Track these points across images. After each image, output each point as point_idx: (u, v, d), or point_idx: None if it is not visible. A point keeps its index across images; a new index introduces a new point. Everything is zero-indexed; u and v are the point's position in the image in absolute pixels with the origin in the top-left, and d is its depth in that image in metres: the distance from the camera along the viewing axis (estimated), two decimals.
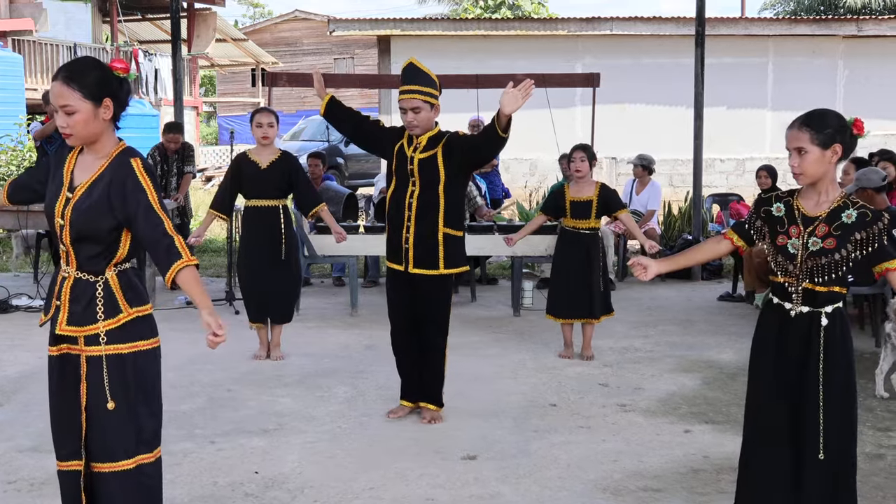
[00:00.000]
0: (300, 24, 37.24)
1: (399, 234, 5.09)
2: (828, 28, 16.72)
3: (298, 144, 19.84)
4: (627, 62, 16.03)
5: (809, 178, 3.23)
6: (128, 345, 3.06)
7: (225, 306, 8.41)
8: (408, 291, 5.16)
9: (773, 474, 3.35)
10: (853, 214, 3.23)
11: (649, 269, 3.36)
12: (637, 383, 6.07)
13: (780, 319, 3.33)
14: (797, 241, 3.25)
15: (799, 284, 3.25)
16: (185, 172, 9.58)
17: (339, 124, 5.44)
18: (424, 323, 5.18)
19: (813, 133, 3.19)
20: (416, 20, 17.08)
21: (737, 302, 8.87)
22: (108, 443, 3.06)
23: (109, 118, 3.02)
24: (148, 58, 23.30)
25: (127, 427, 3.07)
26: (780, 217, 3.31)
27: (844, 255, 3.21)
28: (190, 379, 6.06)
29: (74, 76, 2.95)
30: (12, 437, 4.81)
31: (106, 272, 3.04)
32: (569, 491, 4.24)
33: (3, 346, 6.80)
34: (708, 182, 14.69)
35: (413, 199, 5.02)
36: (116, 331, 3.04)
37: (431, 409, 5.25)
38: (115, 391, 3.04)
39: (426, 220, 5.02)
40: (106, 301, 3.03)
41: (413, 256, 5.05)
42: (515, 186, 14.24)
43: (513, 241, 6.89)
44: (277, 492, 4.20)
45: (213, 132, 38.54)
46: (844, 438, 3.30)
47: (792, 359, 3.30)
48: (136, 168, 3.00)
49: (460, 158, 5.01)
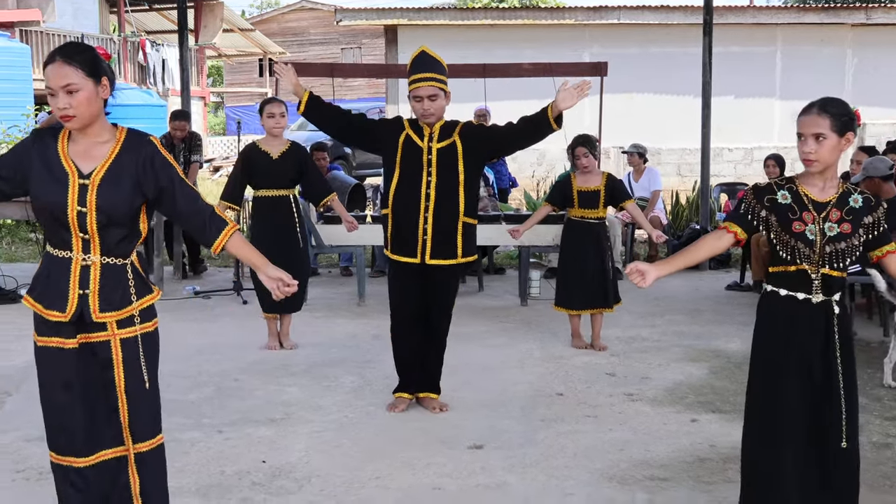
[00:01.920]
0: (307, 14, 37.21)
1: (411, 226, 4.99)
2: (836, 16, 16.63)
3: (306, 135, 19.77)
4: (635, 51, 15.99)
5: (823, 164, 3.18)
6: (151, 322, 3.15)
7: (232, 296, 8.42)
8: (419, 281, 5.09)
9: (790, 472, 3.27)
10: (859, 199, 3.24)
11: (647, 275, 3.25)
12: (644, 373, 6.07)
13: (789, 311, 3.26)
14: (813, 226, 3.21)
15: (818, 271, 3.22)
16: (192, 162, 9.53)
17: (321, 122, 5.15)
18: (433, 309, 5.13)
19: (832, 119, 3.15)
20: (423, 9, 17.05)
21: (745, 291, 8.86)
22: (146, 422, 3.13)
23: (106, 97, 3.02)
24: (155, 48, 23.34)
25: (156, 404, 3.18)
26: (788, 204, 3.25)
27: (858, 240, 3.22)
28: (197, 369, 6.08)
29: (73, 54, 2.92)
30: (20, 427, 4.83)
31: (131, 255, 3.07)
32: (575, 480, 4.24)
33: (11, 335, 6.82)
34: (716, 171, 14.68)
35: (431, 189, 4.93)
36: (147, 310, 3.12)
37: (433, 397, 5.24)
38: (150, 368, 3.13)
39: (446, 210, 4.95)
40: (136, 282, 3.07)
41: (431, 247, 4.98)
42: (523, 176, 14.22)
43: (519, 234, 6.88)
44: (284, 481, 4.21)
45: (221, 122, 38.57)
46: (857, 425, 3.30)
47: (808, 350, 3.25)
48: (157, 145, 3.05)
49: (489, 147, 5.03)
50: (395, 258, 5.11)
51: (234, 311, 7.96)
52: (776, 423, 3.30)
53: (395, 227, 5.06)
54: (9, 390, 5.59)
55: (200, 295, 8.61)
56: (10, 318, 7.53)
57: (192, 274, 9.67)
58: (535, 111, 4.93)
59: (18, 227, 12.13)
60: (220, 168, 21.65)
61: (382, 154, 5.13)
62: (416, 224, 4.98)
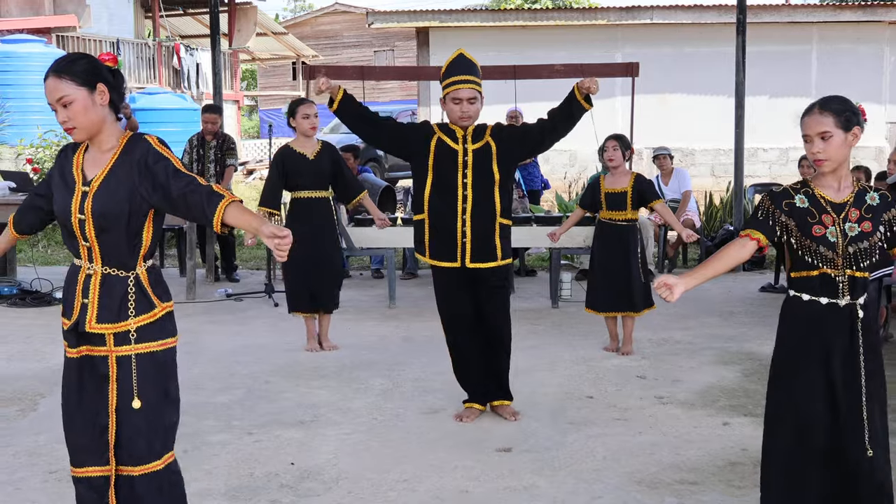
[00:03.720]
0: (340, 17, 37.33)
1: (450, 229, 4.93)
2: (873, 14, 16.41)
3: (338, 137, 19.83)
4: (668, 51, 15.88)
5: (834, 162, 3.16)
6: (159, 342, 3.03)
7: (264, 299, 8.46)
8: (464, 286, 5.01)
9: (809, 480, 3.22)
10: (876, 196, 3.20)
11: (675, 289, 3.12)
12: (675, 375, 6.02)
13: (812, 316, 3.22)
14: (834, 228, 3.18)
15: (843, 273, 3.18)
16: (227, 165, 9.48)
17: (354, 123, 5.11)
18: (489, 315, 5.03)
19: (835, 116, 3.13)
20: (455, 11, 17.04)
21: (779, 293, 8.75)
22: (139, 445, 3.01)
23: (107, 104, 2.99)
24: (189, 52, 23.52)
25: (157, 426, 3.03)
26: (806, 208, 3.20)
27: (878, 237, 3.18)
28: (228, 371, 6.12)
29: (63, 68, 2.95)
30: (52, 429, 4.87)
31: (137, 268, 3.01)
32: (604, 483, 4.22)
33: (46, 338, 6.90)
34: (751, 171, 14.54)
35: (468, 191, 4.89)
36: (148, 327, 3.01)
37: (506, 404, 5.15)
38: (145, 390, 3.00)
39: (484, 212, 4.91)
40: (138, 297, 3.00)
41: (471, 250, 4.92)
42: (555, 178, 14.17)
43: (556, 237, 6.86)
44: (312, 483, 4.22)
45: (255, 126, 38.80)
46: (884, 439, 3.23)
47: (830, 355, 3.20)
48: (152, 143, 3.00)
49: (523, 145, 5.03)
50: (434, 263, 5.05)
51: (265, 314, 8.00)
52: (797, 429, 3.24)
53: (433, 231, 5.00)
54: (42, 392, 5.65)
55: (233, 297, 8.66)
56: (46, 320, 7.63)
57: (224, 277, 9.72)
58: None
59: (54, 231, 12.26)
60: (254, 171, 21.78)
61: (412, 159, 5.07)
62: (454, 227, 4.92)
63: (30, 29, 18.53)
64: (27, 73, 15.74)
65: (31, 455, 4.60)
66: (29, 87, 15.32)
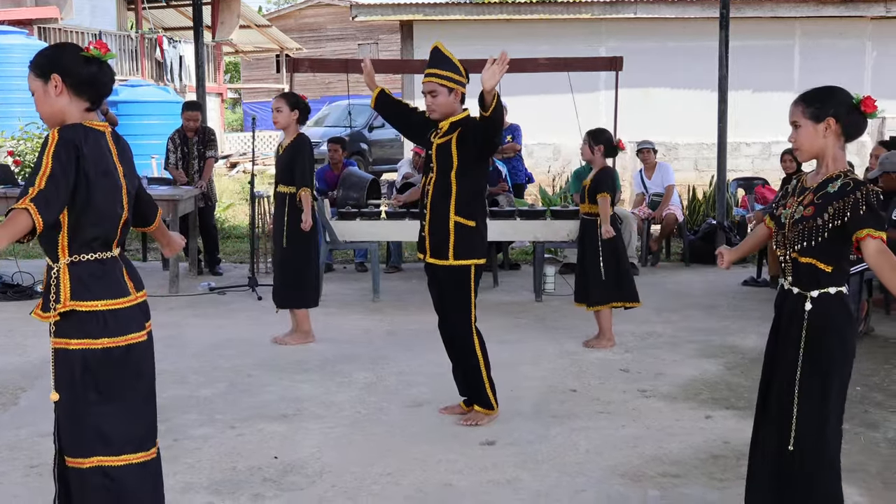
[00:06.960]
0: (324, 10, 37.20)
1: (422, 222, 5.01)
2: (855, 9, 16.46)
3: (322, 130, 19.87)
4: (651, 45, 15.88)
5: (805, 152, 3.25)
6: (73, 340, 2.95)
7: (248, 292, 8.43)
8: (433, 283, 5.06)
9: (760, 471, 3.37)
10: (837, 184, 3.17)
11: (725, 257, 3.66)
12: (658, 369, 6.03)
13: (780, 298, 3.34)
14: (787, 211, 3.27)
15: (787, 254, 3.25)
16: (206, 157, 9.52)
17: (390, 117, 5.36)
18: (449, 316, 5.01)
19: (804, 107, 3.21)
20: (439, 5, 16.97)
21: (761, 287, 8.80)
22: (63, 436, 3.02)
23: (62, 94, 2.93)
24: (172, 44, 23.40)
25: (77, 426, 2.98)
26: (786, 191, 3.37)
27: (820, 222, 3.13)
28: (211, 364, 6.10)
29: (32, 60, 2.98)
30: (34, 423, 4.86)
31: (59, 261, 2.96)
32: (587, 476, 4.23)
33: (27, 332, 6.86)
34: (734, 166, 14.57)
35: (430, 185, 4.93)
36: (62, 326, 2.96)
37: (478, 410, 5.01)
38: (59, 385, 2.97)
39: (439, 208, 4.88)
40: (56, 290, 2.95)
41: (429, 245, 4.94)
42: (539, 171, 14.16)
43: None
44: (296, 476, 4.21)
45: (239, 119, 38.66)
46: (814, 439, 3.18)
47: (782, 339, 3.27)
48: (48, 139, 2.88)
49: (472, 144, 4.82)
50: (418, 255, 5.18)
51: (249, 307, 7.97)
52: (757, 419, 3.42)
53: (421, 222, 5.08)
54: (24, 386, 5.62)
55: (216, 291, 8.63)
56: (27, 314, 7.57)
57: (207, 271, 9.69)
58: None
59: None
60: (238, 164, 21.68)
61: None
62: (423, 220, 4.99)
63: (11, 20, 18.40)
64: (8, 65, 15.62)
65: (12, 449, 4.57)
66: (10, 79, 15.21)
